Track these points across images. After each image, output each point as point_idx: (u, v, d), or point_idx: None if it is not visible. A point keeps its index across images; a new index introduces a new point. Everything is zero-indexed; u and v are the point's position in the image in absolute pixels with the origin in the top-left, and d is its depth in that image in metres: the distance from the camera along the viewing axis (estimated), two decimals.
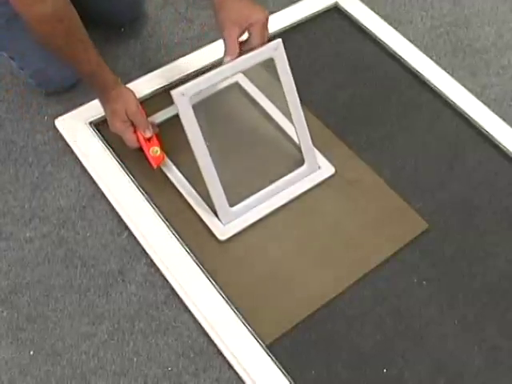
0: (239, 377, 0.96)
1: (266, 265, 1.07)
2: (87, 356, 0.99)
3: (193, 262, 1.05)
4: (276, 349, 0.98)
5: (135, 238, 1.09)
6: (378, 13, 1.44)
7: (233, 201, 1.08)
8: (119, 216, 1.11)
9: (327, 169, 1.17)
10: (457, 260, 1.10)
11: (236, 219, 1.09)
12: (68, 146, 1.19)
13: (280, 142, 1.21)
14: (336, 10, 1.45)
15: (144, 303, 1.04)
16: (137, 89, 1.16)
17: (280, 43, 1.04)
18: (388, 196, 1.16)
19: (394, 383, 0.97)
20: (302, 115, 1.11)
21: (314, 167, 1.16)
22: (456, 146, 1.25)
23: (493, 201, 1.17)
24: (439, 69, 1.35)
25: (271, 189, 1.12)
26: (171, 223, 1.09)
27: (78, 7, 0.99)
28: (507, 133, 1.25)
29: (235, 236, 1.08)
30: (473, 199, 1.17)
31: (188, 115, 1.00)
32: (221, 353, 0.98)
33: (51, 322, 1.02)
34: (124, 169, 1.15)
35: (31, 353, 0.99)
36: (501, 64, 1.42)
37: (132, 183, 1.13)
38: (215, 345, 0.99)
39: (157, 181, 1.14)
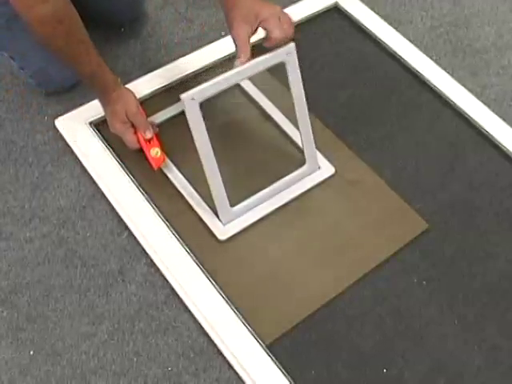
0: (239, 377, 0.96)
1: (266, 265, 1.07)
2: (87, 356, 0.99)
3: (193, 262, 1.05)
4: (276, 349, 0.98)
5: (135, 238, 1.09)
6: (378, 13, 1.44)
7: (233, 201, 1.08)
8: (119, 216, 1.11)
9: (327, 169, 1.17)
10: (457, 260, 1.10)
11: (236, 219, 1.09)
12: (68, 146, 1.19)
13: (280, 143, 1.21)
14: (336, 10, 1.45)
15: (144, 303, 1.04)
16: (137, 89, 1.16)
17: (293, 47, 1.02)
18: (388, 196, 1.16)
19: (394, 383, 0.97)
20: (308, 117, 1.10)
21: (315, 167, 1.16)
22: (456, 147, 1.24)
23: (493, 201, 1.17)
24: (439, 69, 1.35)
25: (271, 189, 1.12)
26: (171, 223, 1.09)
27: (78, 7, 0.99)
28: (507, 133, 1.25)
29: (235, 236, 1.08)
30: (473, 199, 1.17)
31: (196, 119, 0.99)
32: (221, 353, 0.98)
33: (51, 322, 1.02)
34: (124, 169, 1.15)
35: (31, 353, 0.99)
36: (501, 64, 1.42)
37: (132, 183, 1.13)
38: (215, 345, 0.99)
39: (157, 181, 1.14)
